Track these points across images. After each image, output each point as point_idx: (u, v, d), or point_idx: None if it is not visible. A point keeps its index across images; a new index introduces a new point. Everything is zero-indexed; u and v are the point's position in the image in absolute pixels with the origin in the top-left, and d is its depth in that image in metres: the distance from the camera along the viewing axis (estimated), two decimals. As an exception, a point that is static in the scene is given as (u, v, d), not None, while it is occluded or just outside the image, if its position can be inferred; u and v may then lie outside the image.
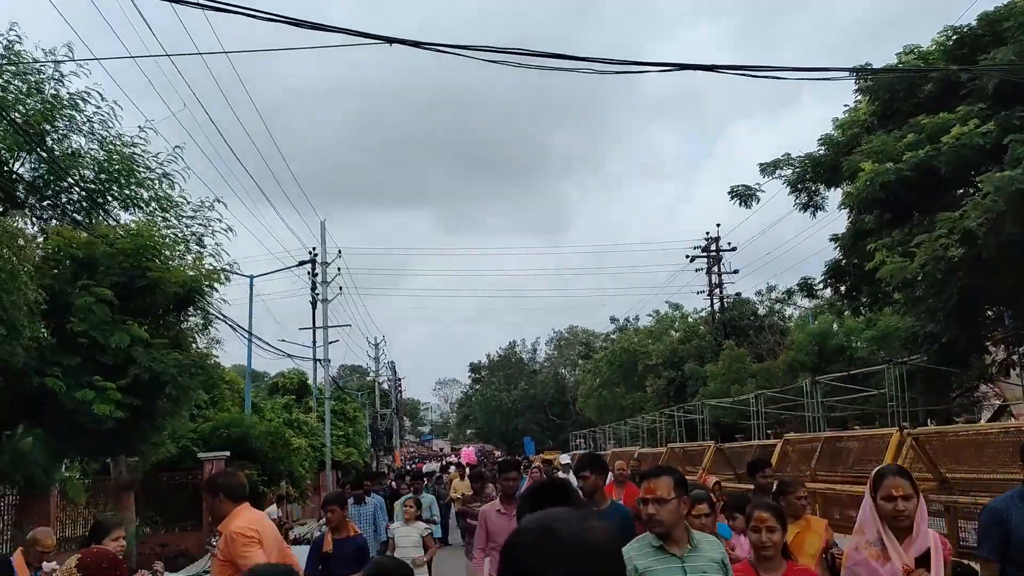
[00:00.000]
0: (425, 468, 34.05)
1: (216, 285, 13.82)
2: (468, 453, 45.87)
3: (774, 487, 5.22)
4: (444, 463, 36.50)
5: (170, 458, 14.90)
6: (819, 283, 15.80)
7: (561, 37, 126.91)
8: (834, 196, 14.84)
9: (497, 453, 60.97)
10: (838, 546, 4.57)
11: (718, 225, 37.77)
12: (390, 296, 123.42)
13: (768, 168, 13.40)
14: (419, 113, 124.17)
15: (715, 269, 37.75)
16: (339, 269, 26.53)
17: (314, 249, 26.15)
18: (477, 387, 79.61)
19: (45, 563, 5.26)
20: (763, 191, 13.64)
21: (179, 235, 13.70)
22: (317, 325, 26.29)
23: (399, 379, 68.01)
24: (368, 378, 64.63)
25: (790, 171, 13.40)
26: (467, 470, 23.97)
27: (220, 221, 13.89)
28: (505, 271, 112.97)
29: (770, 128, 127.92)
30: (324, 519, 6.89)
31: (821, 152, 12.97)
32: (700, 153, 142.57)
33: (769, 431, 24.30)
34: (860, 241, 14.11)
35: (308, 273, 26.33)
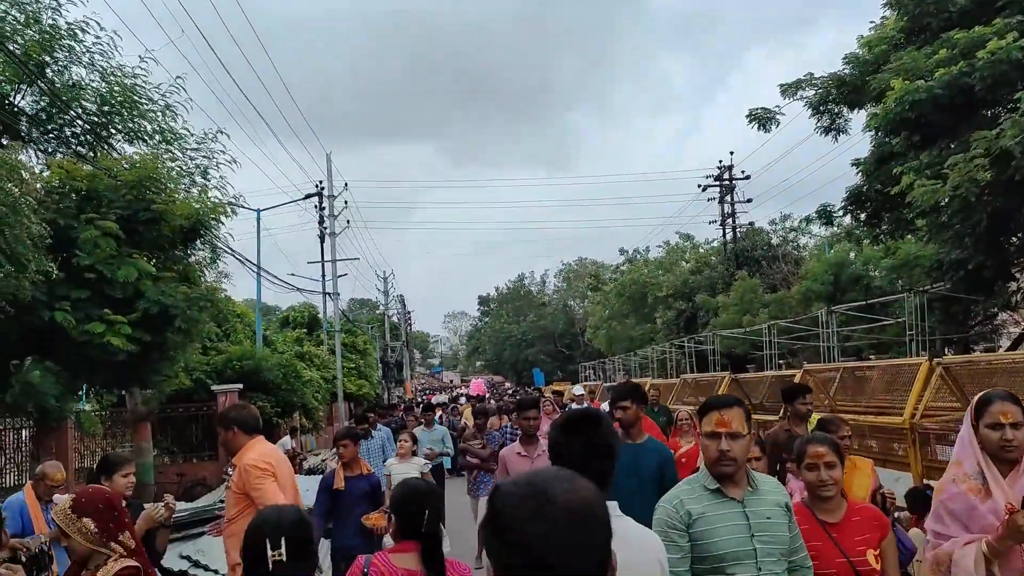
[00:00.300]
0: (435, 400, 34.42)
1: (222, 218, 13.70)
2: (477, 384, 46.23)
3: (813, 426, 4.95)
4: (454, 395, 36.85)
5: (184, 390, 14.94)
6: (838, 210, 15.41)
7: None
8: (857, 119, 14.34)
9: (507, 384, 61.59)
10: (883, 487, 4.36)
11: (731, 153, 37.09)
12: (397, 230, 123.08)
13: (789, 89, 12.86)
14: (423, 45, 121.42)
15: (728, 198, 37.21)
16: (346, 202, 26.23)
17: (320, 183, 25.80)
18: (486, 320, 79.98)
19: (56, 496, 5.16)
20: (783, 114, 13.16)
21: (183, 168, 13.42)
22: (325, 259, 26.11)
23: (408, 312, 68.24)
24: (378, 311, 64.85)
25: (812, 92, 12.86)
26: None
27: (224, 153, 13.55)
28: (512, 202, 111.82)
29: (786, 54, 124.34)
30: (336, 452, 6.73)
31: (846, 72, 12.40)
32: (713, 81, 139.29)
33: (780, 361, 24.25)
34: (885, 165, 13.66)
35: (315, 207, 26.06)
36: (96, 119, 12.29)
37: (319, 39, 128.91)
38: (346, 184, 26.09)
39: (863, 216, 15.65)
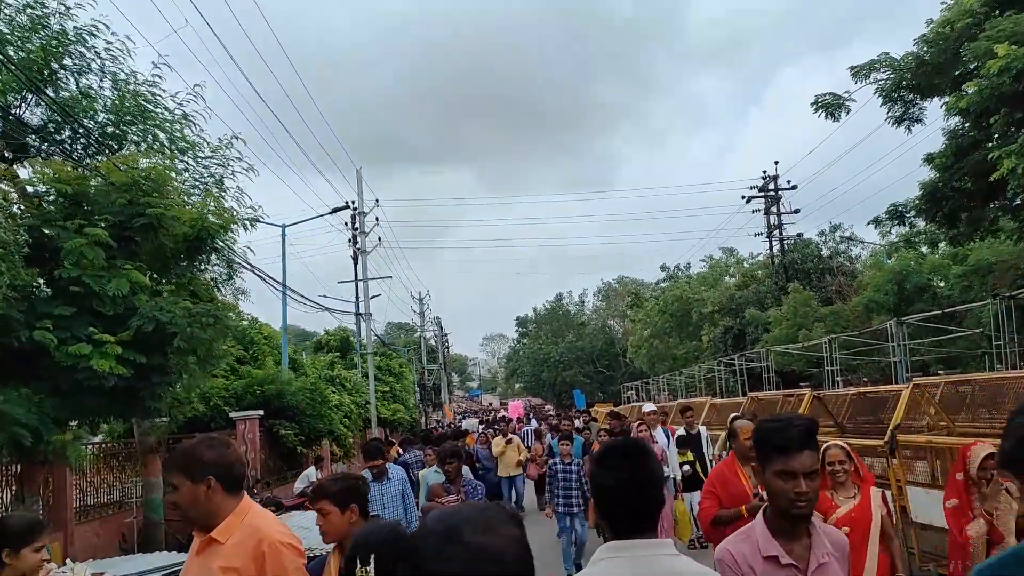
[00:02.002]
0: (464, 424, 33.02)
1: (237, 228, 12.73)
2: (516, 407, 44.80)
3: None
4: (490, 417, 35.43)
5: (200, 417, 13.92)
6: (910, 210, 13.89)
7: None
8: (932, 109, 12.86)
9: (548, 407, 60.10)
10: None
11: (776, 163, 35.28)
12: (435, 254, 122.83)
13: (862, 72, 11.44)
14: (459, 70, 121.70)
15: (774, 209, 35.51)
16: (376, 219, 25.29)
17: (352, 202, 24.86)
18: (524, 341, 78.66)
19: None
20: (853, 100, 11.74)
21: (197, 178, 12.54)
22: (357, 278, 25.13)
23: (446, 334, 67.24)
24: (415, 335, 63.98)
25: (886, 76, 11.45)
26: (514, 423, 22.76)
27: (240, 160, 12.59)
28: (550, 220, 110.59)
29: (822, 73, 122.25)
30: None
31: (924, 52, 10.96)
32: (749, 100, 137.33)
33: (839, 379, 22.53)
34: (967, 157, 12.18)
35: (345, 224, 25.13)
36: (108, 130, 11.46)
37: (359, 67, 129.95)
38: (377, 201, 25.23)
39: (939, 216, 14.13)
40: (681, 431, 9.92)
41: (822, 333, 23.92)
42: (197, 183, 12.52)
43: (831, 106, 11.68)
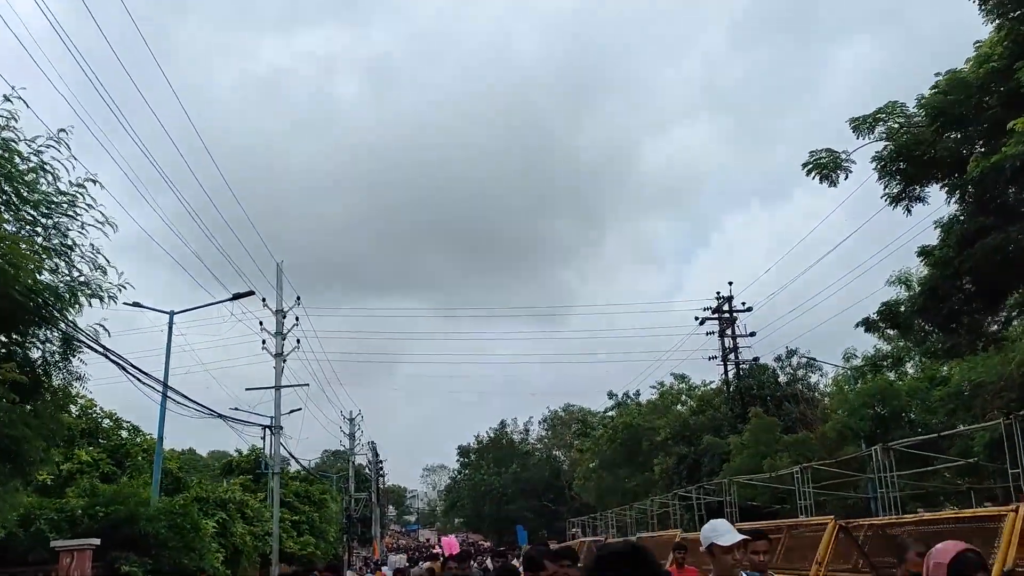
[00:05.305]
0: (391, 562, 29.09)
1: (86, 301, 10.04)
2: (450, 542, 40.49)
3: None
4: (417, 554, 31.54)
5: (14, 546, 10.60)
6: (904, 310, 11.92)
7: (559, 136, 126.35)
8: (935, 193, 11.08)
9: (486, 544, 55.38)
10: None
11: (730, 283, 33.92)
12: (379, 382, 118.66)
13: (865, 125, 9.60)
14: (414, 198, 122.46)
15: (728, 332, 33.85)
16: (296, 318, 22.46)
17: (264, 300, 22.15)
18: (465, 471, 74.24)
19: None
20: (853, 162, 9.86)
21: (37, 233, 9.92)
22: (269, 386, 22.05)
23: (380, 461, 62.73)
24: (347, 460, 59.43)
25: (885, 142, 9.65)
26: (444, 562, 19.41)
27: (92, 208, 9.99)
28: (500, 355, 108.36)
29: (764, 221, 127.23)
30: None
31: (942, 95, 9.20)
32: (695, 243, 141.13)
33: (811, 515, 19.90)
34: (972, 246, 10.33)
35: (261, 324, 22.24)
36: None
37: (314, 198, 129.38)
38: (298, 298, 22.48)
39: (937, 319, 12.18)
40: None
41: (787, 463, 21.55)
42: (37, 242, 9.87)
43: (827, 166, 9.77)
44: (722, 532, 3.80)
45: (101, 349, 10.57)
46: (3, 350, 9.17)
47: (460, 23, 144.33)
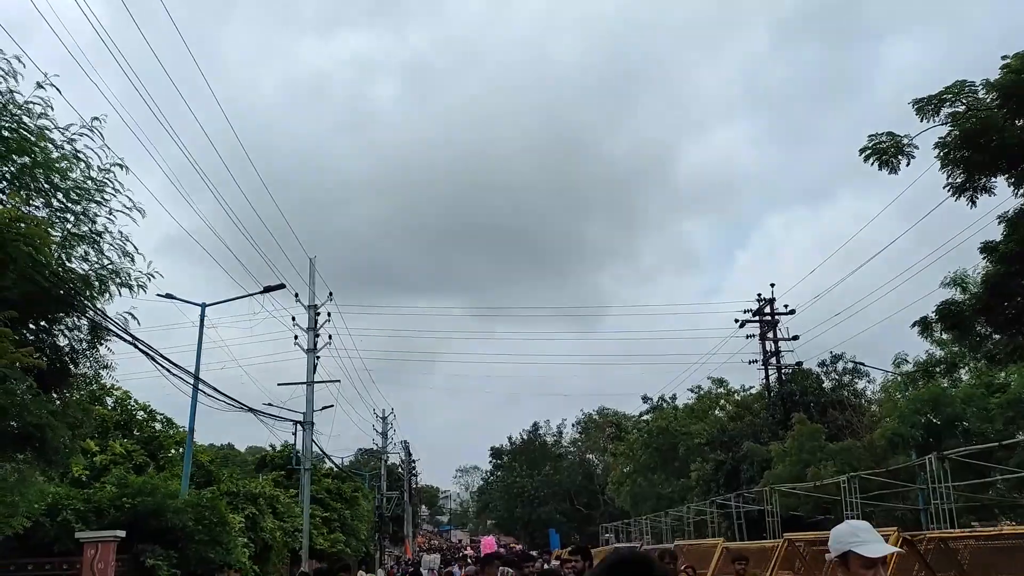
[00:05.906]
0: (425, 562, 28.74)
1: (114, 287, 9.85)
2: (489, 542, 40.08)
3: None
4: (453, 555, 31.14)
5: (39, 536, 10.44)
6: (967, 308, 11.21)
7: (595, 138, 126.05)
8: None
9: (517, 547, 54.91)
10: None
11: (772, 285, 32.98)
12: (416, 383, 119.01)
13: (930, 106, 8.93)
14: (452, 203, 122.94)
15: (770, 335, 32.90)
16: (329, 315, 22.26)
17: (296, 295, 21.99)
18: (498, 473, 73.77)
19: None
20: (916, 147, 9.20)
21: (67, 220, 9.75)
22: (300, 381, 21.87)
23: (413, 460, 62.63)
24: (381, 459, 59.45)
25: (950, 124, 8.97)
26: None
27: (119, 193, 9.79)
28: (535, 356, 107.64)
29: (807, 223, 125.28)
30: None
31: (1018, 74, 8.51)
32: (734, 244, 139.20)
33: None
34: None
35: (293, 319, 22.10)
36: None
37: (352, 199, 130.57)
38: (331, 294, 22.30)
39: (992, 326, 11.44)
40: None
41: (832, 472, 20.72)
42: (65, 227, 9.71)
43: (887, 151, 9.12)
44: (866, 540, 2.93)
45: (129, 337, 10.39)
46: (30, 336, 8.98)
47: (497, 26, 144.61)
